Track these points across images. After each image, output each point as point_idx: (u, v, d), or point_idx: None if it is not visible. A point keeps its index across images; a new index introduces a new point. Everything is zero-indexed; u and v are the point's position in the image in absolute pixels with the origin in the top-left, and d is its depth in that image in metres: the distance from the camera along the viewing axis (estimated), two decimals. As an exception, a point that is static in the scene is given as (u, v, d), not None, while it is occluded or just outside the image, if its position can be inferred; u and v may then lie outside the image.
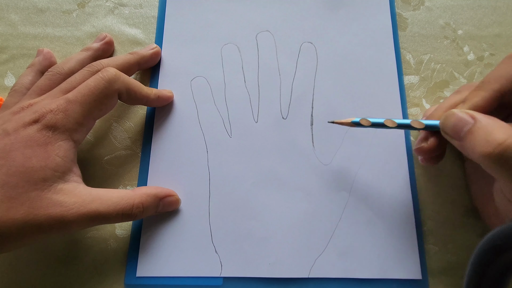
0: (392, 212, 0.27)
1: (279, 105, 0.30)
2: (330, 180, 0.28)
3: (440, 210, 0.28)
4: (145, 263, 0.26)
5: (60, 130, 0.22)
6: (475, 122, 0.20)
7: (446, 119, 0.22)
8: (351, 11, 0.33)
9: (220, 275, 0.26)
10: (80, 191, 0.22)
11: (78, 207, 0.21)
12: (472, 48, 0.32)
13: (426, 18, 0.33)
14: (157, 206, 0.26)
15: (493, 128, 0.19)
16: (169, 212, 0.27)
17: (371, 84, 0.31)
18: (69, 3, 0.34)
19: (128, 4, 0.34)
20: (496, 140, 0.18)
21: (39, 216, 0.20)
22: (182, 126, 0.30)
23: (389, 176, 0.28)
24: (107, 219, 0.22)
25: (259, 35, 0.32)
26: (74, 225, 0.21)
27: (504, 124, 0.20)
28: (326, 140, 0.29)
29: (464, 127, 0.20)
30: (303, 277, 0.26)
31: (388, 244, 0.26)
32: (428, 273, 0.26)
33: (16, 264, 0.27)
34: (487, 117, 0.20)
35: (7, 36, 0.33)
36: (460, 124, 0.21)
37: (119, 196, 0.23)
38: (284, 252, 0.26)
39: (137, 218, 0.24)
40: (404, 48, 0.32)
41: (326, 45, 0.32)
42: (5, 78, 0.32)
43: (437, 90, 0.31)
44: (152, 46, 0.31)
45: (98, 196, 0.22)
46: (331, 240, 0.27)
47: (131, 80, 0.26)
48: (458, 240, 0.27)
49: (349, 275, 0.26)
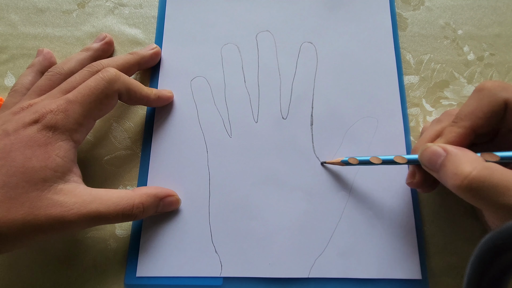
0: (392, 212, 0.27)
1: (279, 105, 0.30)
2: (330, 180, 0.28)
3: (440, 210, 0.28)
4: (145, 263, 0.26)
5: (60, 130, 0.22)
6: (447, 154, 0.21)
7: (422, 153, 0.23)
8: (351, 11, 0.33)
9: (220, 275, 0.26)
10: (80, 191, 0.22)
11: (78, 207, 0.21)
12: (472, 48, 0.32)
13: (426, 18, 0.33)
14: (157, 206, 0.26)
15: (461, 161, 0.20)
16: (169, 212, 0.27)
17: (371, 84, 0.31)
18: (69, 3, 0.34)
19: (128, 4, 0.34)
20: (462, 172, 0.19)
21: (39, 217, 0.20)
22: (182, 126, 0.30)
23: (388, 176, 0.28)
24: (107, 219, 0.22)
25: (259, 35, 0.32)
26: (74, 226, 0.21)
27: (473, 156, 0.21)
28: (326, 140, 0.29)
29: (438, 160, 0.21)
30: (303, 277, 0.26)
31: (388, 244, 0.26)
32: (428, 273, 0.26)
33: (16, 264, 0.27)
34: (458, 149, 0.21)
35: (7, 36, 0.33)
36: (434, 158, 0.21)
37: (119, 196, 0.23)
38: (284, 252, 0.26)
39: (137, 218, 0.24)
40: (404, 48, 0.32)
41: (326, 45, 0.32)
42: (5, 78, 0.32)
43: (437, 90, 0.31)
44: (152, 46, 0.31)
45: (98, 196, 0.22)
46: (331, 240, 0.27)
47: (131, 80, 0.26)
48: (458, 240, 0.27)
49: (349, 275, 0.26)
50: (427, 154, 0.22)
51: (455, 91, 0.31)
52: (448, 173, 0.21)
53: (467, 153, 0.21)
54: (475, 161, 0.20)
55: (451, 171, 0.20)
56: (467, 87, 0.31)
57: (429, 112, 0.30)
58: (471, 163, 0.20)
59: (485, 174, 0.19)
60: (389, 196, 0.28)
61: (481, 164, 0.20)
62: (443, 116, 0.26)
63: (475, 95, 0.23)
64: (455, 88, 0.31)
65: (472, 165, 0.20)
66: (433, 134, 0.25)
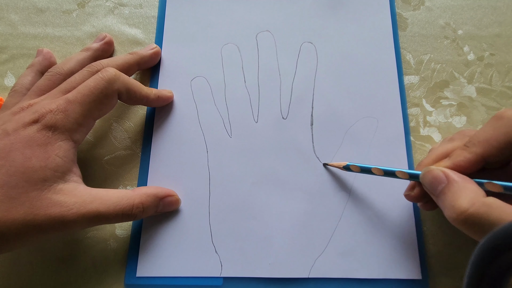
0: (392, 212, 0.27)
1: (279, 105, 0.30)
2: (330, 180, 0.28)
3: (440, 210, 0.28)
4: (145, 263, 0.26)
5: (60, 130, 0.22)
6: (448, 183, 0.21)
7: (424, 175, 0.22)
8: (351, 11, 0.33)
9: (220, 275, 0.26)
10: (80, 191, 0.22)
11: (78, 207, 0.21)
12: (472, 48, 0.32)
13: (426, 18, 0.33)
14: (157, 206, 0.26)
15: (460, 194, 0.20)
16: (169, 212, 0.27)
17: (371, 84, 0.31)
18: (69, 3, 0.34)
19: (128, 4, 0.34)
20: (460, 207, 0.19)
21: (39, 216, 0.20)
22: (182, 126, 0.30)
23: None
24: (107, 219, 0.22)
25: (259, 35, 0.32)
26: (74, 225, 0.21)
27: (474, 188, 0.20)
28: (326, 140, 0.29)
29: (438, 186, 0.21)
30: (303, 277, 0.26)
31: (388, 244, 0.26)
32: (428, 273, 0.26)
33: (16, 264, 0.27)
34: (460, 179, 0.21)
35: (7, 36, 0.33)
36: (436, 182, 0.21)
37: (119, 196, 0.23)
38: (284, 252, 0.26)
39: (137, 218, 0.24)
40: (404, 48, 0.32)
41: (326, 45, 0.32)
42: (5, 78, 0.32)
43: (437, 90, 0.31)
44: (151, 46, 0.31)
45: (98, 196, 0.22)
46: (331, 240, 0.27)
47: (131, 80, 0.26)
48: (458, 240, 0.27)
49: (349, 275, 0.26)
50: (428, 177, 0.22)
51: (455, 91, 0.31)
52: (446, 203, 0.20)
53: (468, 185, 0.21)
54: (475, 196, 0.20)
55: (449, 202, 0.20)
56: (467, 87, 0.31)
57: (429, 112, 0.30)
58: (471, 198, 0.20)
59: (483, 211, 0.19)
60: (389, 196, 0.28)
61: (480, 200, 0.19)
62: (457, 135, 0.25)
63: (493, 123, 0.22)
64: (455, 88, 0.31)
65: (471, 201, 0.19)
66: (442, 153, 0.24)
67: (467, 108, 0.31)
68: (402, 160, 0.28)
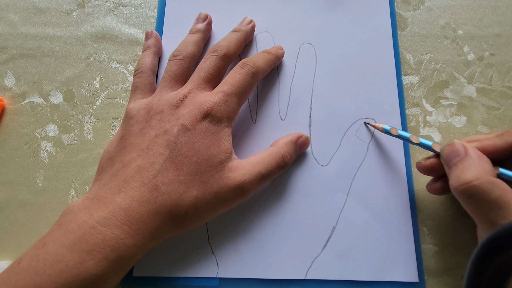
0: (389, 214, 0.27)
1: (278, 106, 0.30)
2: (327, 181, 0.28)
3: (439, 210, 0.27)
4: (142, 264, 0.26)
5: (224, 119, 0.25)
6: (465, 155, 0.22)
7: (446, 146, 0.23)
8: (351, 11, 0.33)
9: (216, 276, 0.26)
10: (242, 163, 0.25)
11: (249, 175, 0.25)
12: (472, 48, 0.32)
13: (426, 18, 0.33)
14: (296, 150, 0.28)
15: (470, 168, 0.21)
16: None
17: (369, 85, 0.30)
18: (69, 3, 0.34)
19: (128, 4, 0.34)
20: (465, 178, 0.20)
21: (224, 191, 0.24)
22: (180, 126, 0.30)
23: (386, 178, 0.28)
24: (269, 176, 0.26)
25: (259, 35, 0.32)
26: (251, 191, 0.25)
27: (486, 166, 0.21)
28: (324, 141, 0.29)
29: (455, 158, 0.22)
30: (300, 279, 0.26)
31: (385, 246, 0.26)
32: (427, 273, 0.26)
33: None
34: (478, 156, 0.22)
35: (7, 36, 0.33)
36: (453, 154, 0.22)
37: (269, 155, 0.26)
38: (281, 253, 0.26)
39: (288, 165, 0.27)
40: (404, 48, 0.32)
41: (325, 46, 0.32)
42: (5, 78, 0.32)
43: (437, 90, 0.31)
44: (247, 21, 0.32)
45: (256, 161, 0.26)
46: (328, 242, 0.26)
47: (263, 64, 0.28)
48: (457, 240, 0.27)
49: (346, 277, 0.25)
50: (449, 149, 0.23)
51: (455, 91, 0.31)
52: (455, 174, 0.21)
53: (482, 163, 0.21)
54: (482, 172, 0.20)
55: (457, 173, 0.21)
56: (467, 87, 0.31)
57: (429, 112, 0.30)
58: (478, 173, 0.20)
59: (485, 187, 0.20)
60: (387, 197, 0.27)
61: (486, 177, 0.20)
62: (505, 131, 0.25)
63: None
64: (455, 88, 0.31)
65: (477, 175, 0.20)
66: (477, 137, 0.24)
67: (467, 108, 0.30)
68: (399, 161, 0.28)
